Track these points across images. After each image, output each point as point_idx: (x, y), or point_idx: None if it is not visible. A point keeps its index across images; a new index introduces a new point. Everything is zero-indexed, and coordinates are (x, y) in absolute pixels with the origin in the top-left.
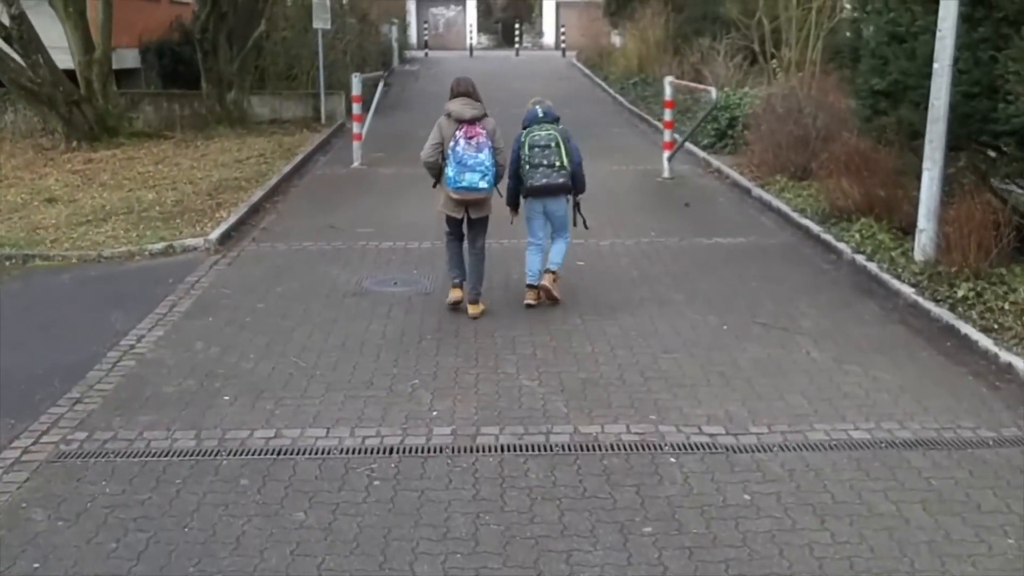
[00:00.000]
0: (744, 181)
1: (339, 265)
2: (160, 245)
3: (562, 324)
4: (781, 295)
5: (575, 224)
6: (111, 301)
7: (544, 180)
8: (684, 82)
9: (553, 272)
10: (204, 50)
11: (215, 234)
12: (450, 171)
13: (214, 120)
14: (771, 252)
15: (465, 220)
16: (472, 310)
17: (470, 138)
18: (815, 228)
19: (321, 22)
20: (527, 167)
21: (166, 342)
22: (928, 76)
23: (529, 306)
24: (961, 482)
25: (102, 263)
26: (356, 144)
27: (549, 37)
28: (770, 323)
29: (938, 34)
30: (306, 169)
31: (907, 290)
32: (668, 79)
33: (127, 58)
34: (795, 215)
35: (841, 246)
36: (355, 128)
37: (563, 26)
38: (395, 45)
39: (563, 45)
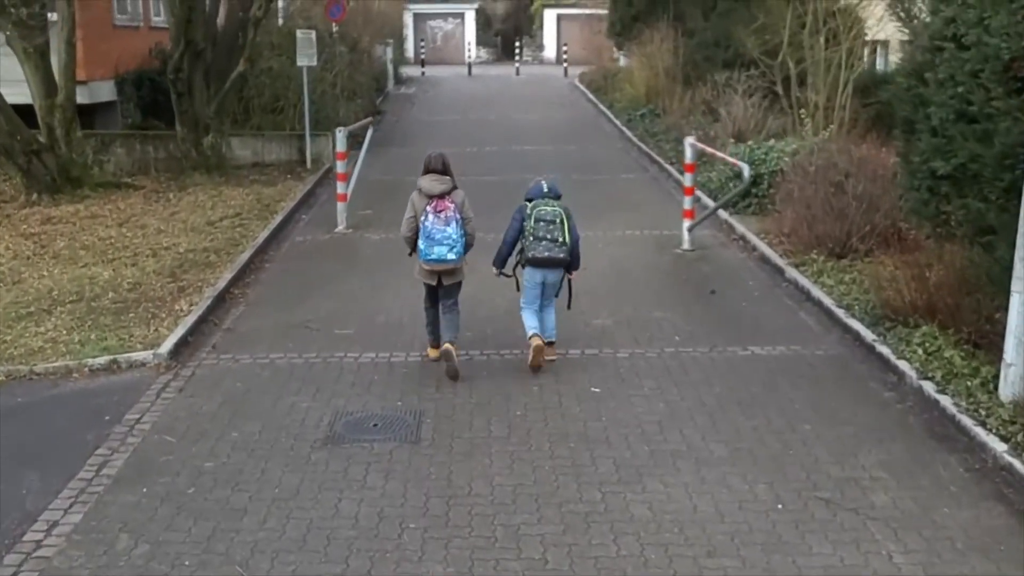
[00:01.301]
0: (775, 256)
1: (310, 391)
2: (103, 359)
3: (577, 501)
4: (841, 445)
5: (568, 307)
6: (30, 452)
7: (547, 253)
8: (709, 148)
9: (552, 343)
10: (178, 91)
11: (167, 344)
12: (421, 244)
13: (190, 166)
14: (819, 370)
15: (438, 285)
16: (450, 349)
17: (439, 212)
18: (867, 335)
19: (306, 59)
20: (531, 239)
21: (82, 534)
22: (1009, 168)
23: (535, 361)
24: None
25: (34, 381)
26: (340, 205)
27: (550, 51)
28: (835, 500)
29: None
30: (285, 233)
31: (997, 445)
32: (688, 140)
33: (102, 91)
34: (840, 313)
35: (902, 365)
36: (339, 188)
37: (565, 44)
38: (390, 67)
39: (565, 63)
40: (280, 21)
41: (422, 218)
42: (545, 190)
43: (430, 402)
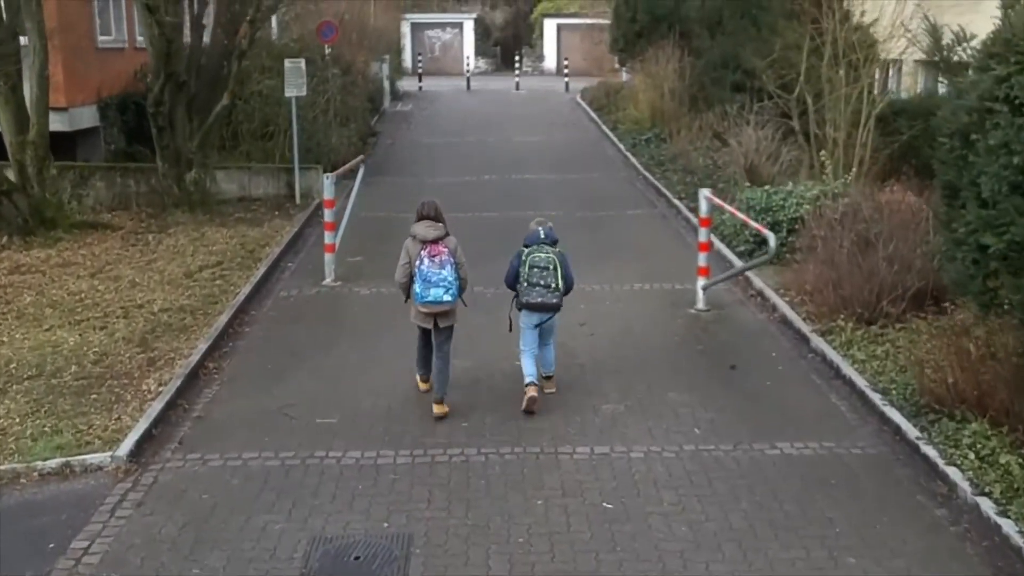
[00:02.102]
0: (797, 320)
1: (285, 507)
2: (55, 462)
3: None
4: None
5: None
6: None
7: (540, 299)
8: (728, 207)
9: (549, 377)
10: (159, 125)
11: (128, 443)
12: (417, 287)
13: (171, 203)
14: (859, 477)
15: (433, 328)
16: (437, 410)
17: (433, 256)
18: (909, 430)
19: (295, 89)
20: (526, 284)
21: None
22: None
23: (529, 412)
24: None
25: None
26: (328, 256)
27: (550, 61)
28: None
29: None
30: (269, 287)
31: None
32: (703, 193)
33: (83, 117)
34: (877, 399)
35: (952, 473)
36: (327, 238)
37: (566, 59)
38: (386, 84)
39: (566, 78)
40: (274, 33)
41: (417, 263)
42: (542, 236)
43: (420, 523)
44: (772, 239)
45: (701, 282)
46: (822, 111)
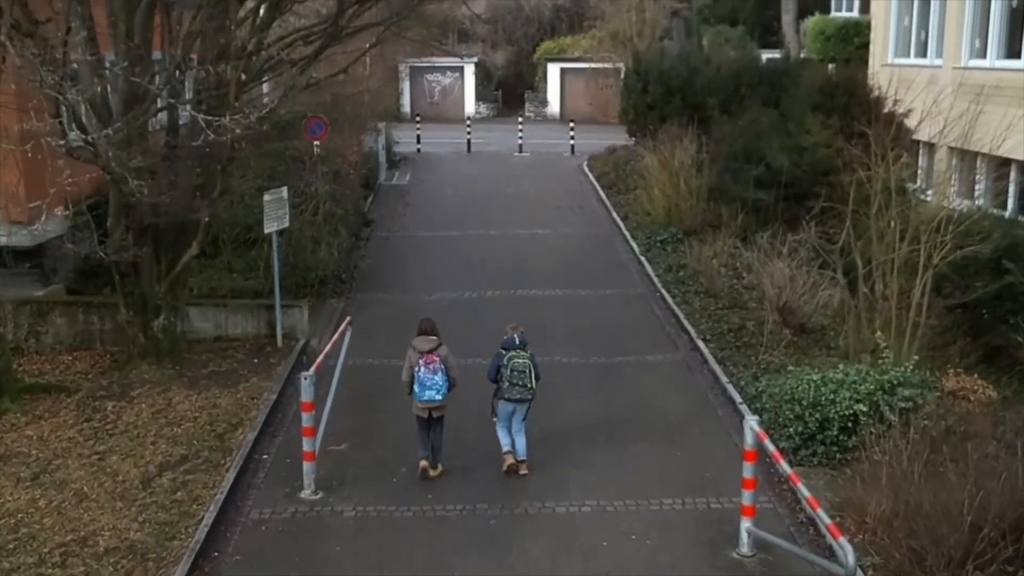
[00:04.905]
0: None
1: None
2: None
3: None
4: None
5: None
6: None
7: (519, 396)
8: (784, 464)
9: (523, 461)
10: (121, 272)
11: None
12: (416, 388)
13: (137, 354)
14: None
15: (429, 417)
16: (432, 472)
17: (428, 364)
18: None
19: (275, 223)
20: (507, 384)
21: None
22: None
23: (508, 471)
24: None
25: None
26: (307, 466)
27: (554, 106)
28: None
29: None
30: (237, 502)
31: None
32: (750, 424)
33: (49, 226)
34: None
35: None
36: (304, 444)
37: (572, 121)
38: (381, 154)
39: (572, 140)
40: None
41: (416, 369)
42: (517, 343)
43: None
44: (851, 556)
45: (746, 523)
46: (868, 263)
